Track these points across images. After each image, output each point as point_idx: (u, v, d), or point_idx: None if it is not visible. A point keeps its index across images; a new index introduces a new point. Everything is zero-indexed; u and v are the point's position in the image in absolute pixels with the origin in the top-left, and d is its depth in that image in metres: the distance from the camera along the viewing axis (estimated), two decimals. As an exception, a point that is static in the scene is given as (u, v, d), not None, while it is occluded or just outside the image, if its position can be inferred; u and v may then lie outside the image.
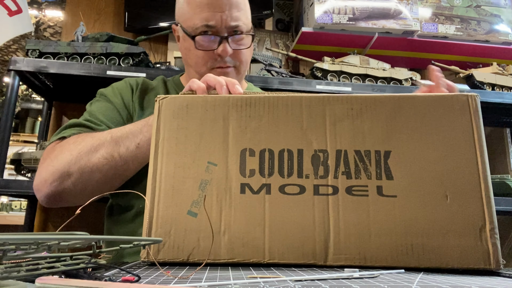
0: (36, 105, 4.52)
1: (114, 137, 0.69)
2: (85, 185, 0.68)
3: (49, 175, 0.69)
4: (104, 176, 0.68)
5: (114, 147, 0.68)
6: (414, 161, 0.46)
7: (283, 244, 0.45)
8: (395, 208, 0.45)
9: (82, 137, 0.71)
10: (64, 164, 0.68)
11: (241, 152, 0.47)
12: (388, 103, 0.48)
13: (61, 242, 0.32)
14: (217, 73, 0.79)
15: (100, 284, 0.27)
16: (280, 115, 0.48)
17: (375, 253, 0.44)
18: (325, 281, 0.34)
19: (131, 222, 0.78)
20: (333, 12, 1.52)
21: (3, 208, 2.71)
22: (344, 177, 0.46)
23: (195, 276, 0.36)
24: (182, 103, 0.50)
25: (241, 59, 0.84)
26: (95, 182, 0.69)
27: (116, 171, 0.69)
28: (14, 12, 1.38)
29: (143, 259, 0.45)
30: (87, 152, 0.68)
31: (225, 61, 0.82)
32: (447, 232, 0.44)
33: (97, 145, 0.68)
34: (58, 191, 0.69)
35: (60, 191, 0.69)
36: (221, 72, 0.82)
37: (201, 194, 0.46)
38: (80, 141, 0.70)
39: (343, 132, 0.47)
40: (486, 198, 0.44)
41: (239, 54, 0.84)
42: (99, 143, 0.69)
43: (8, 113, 1.21)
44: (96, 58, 1.29)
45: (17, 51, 3.60)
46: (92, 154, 0.68)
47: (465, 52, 1.66)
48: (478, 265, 0.43)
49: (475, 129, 0.47)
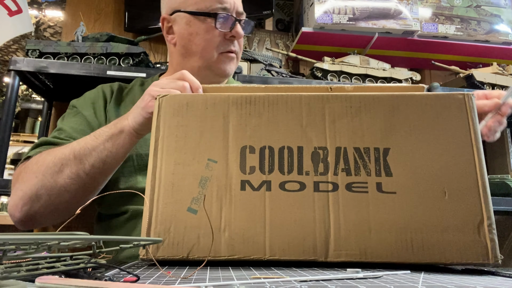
0: (36, 105, 4.52)
1: (77, 155, 0.66)
2: (56, 206, 0.67)
3: (18, 200, 0.67)
4: (73, 196, 0.66)
5: (79, 166, 0.65)
6: (412, 158, 0.46)
7: (283, 240, 0.45)
8: (395, 204, 0.45)
9: (43, 155, 0.69)
10: (31, 188, 0.66)
11: (241, 149, 0.47)
12: (386, 101, 0.49)
13: (61, 242, 0.32)
14: (225, 57, 0.81)
15: (100, 284, 0.26)
16: (280, 113, 0.49)
17: (375, 249, 0.44)
18: (330, 281, 0.34)
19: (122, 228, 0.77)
20: (333, 12, 1.52)
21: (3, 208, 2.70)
22: (344, 173, 0.46)
23: (197, 276, 0.36)
24: (182, 101, 0.50)
25: (241, 47, 0.86)
26: (65, 202, 0.67)
27: (85, 188, 0.67)
28: (14, 12, 1.38)
29: (142, 256, 0.45)
30: (52, 173, 0.66)
31: (234, 45, 0.82)
32: (446, 228, 0.44)
33: (61, 165, 0.66)
34: (29, 215, 0.67)
35: (32, 215, 0.67)
36: (227, 57, 0.82)
37: (201, 191, 0.46)
38: (42, 161, 0.68)
39: (342, 129, 0.48)
40: (484, 194, 0.45)
41: (240, 41, 0.84)
42: (62, 162, 0.66)
43: (8, 113, 1.21)
44: (96, 58, 1.29)
45: (17, 51, 3.60)
46: (57, 175, 0.65)
47: (465, 52, 1.66)
48: (477, 260, 0.43)
49: (472, 127, 0.47)
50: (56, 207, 0.67)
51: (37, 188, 0.66)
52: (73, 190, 0.66)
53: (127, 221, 0.76)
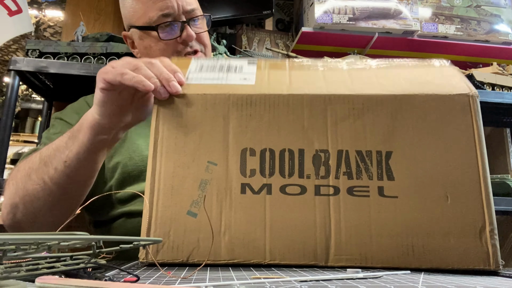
0: (36, 105, 4.52)
1: (43, 158, 0.61)
2: (33, 214, 0.63)
3: (4, 208, 0.65)
4: (44, 204, 0.61)
5: (44, 169, 0.60)
6: (415, 162, 0.46)
7: (284, 244, 0.44)
8: (396, 209, 0.45)
9: (22, 163, 0.65)
10: (10, 196, 0.64)
11: (242, 152, 0.47)
12: (389, 103, 0.48)
13: (61, 242, 0.32)
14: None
15: (100, 284, 0.26)
16: (281, 114, 0.48)
17: (376, 253, 0.44)
18: (330, 281, 0.34)
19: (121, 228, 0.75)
20: (333, 12, 1.52)
21: (3, 208, 2.70)
22: (345, 177, 0.46)
23: (198, 276, 0.36)
24: (181, 102, 0.49)
25: (205, 43, 0.82)
26: (39, 211, 0.62)
27: (54, 196, 0.61)
28: (14, 12, 1.38)
29: (142, 259, 0.45)
30: (22, 179, 0.62)
31: (192, 46, 0.79)
32: (448, 233, 0.44)
33: (29, 170, 0.62)
34: (14, 223, 0.65)
35: (16, 222, 0.65)
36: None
37: (201, 194, 0.46)
38: (18, 168, 0.65)
39: (344, 132, 0.47)
40: (486, 199, 0.44)
41: (202, 37, 0.81)
42: (30, 166, 0.62)
43: (8, 113, 1.21)
44: (96, 58, 1.28)
45: (17, 51, 3.60)
46: (26, 181, 0.61)
47: (465, 52, 1.66)
48: (477, 266, 0.43)
49: (476, 130, 0.47)
50: (34, 216, 0.64)
51: (14, 196, 0.63)
52: (42, 197, 0.61)
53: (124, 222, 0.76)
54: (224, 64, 0.55)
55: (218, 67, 0.54)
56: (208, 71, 0.54)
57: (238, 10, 1.60)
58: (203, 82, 0.52)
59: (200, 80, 0.52)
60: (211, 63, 0.56)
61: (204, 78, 0.53)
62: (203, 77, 0.53)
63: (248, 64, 0.56)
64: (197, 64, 0.56)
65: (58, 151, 0.59)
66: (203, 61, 0.56)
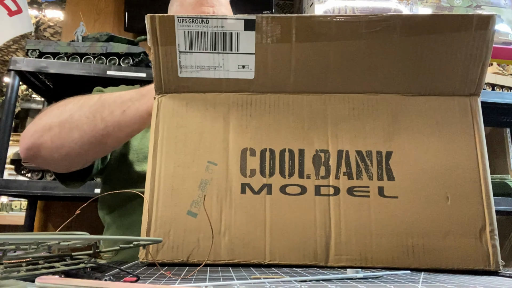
0: (36, 105, 4.51)
1: (102, 100, 0.66)
2: (62, 142, 0.66)
3: (32, 128, 0.68)
4: (81, 137, 0.65)
5: (99, 108, 0.64)
6: (415, 162, 0.46)
7: (284, 245, 0.44)
8: (396, 209, 0.45)
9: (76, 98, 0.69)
10: (48, 118, 0.67)
11: (242, 152, 0.47)
12: (390, 103, 0.48)
13: (61, 242, 0.32)
14: None
15: (100, 284, 0.26)
16: (282, 114, 0.48)
17: (376, 254, 0.44)
18: (330, 281, 0.34)
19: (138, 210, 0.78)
20: (333, 12, 1.52)
21: (3, 208, 2.70)
22: (345, 177, 0.46)
23: (198, 276, 0.36)
24: (181, 101, 0.49)
25: None
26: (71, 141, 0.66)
27: (94, 134, 0.65)
28: (14, 12, 1.38)
29: (142, 259, 0.45)
30: (71, 109, 0.66)
31: None
32: (448, 233, 0.44)
33: (83, 104, 0.66)
34: (36, 143, 0.67)
35: (39, 144, 0.67)
36: None
37: (201, 194, 0.46)
38: (71, 100, 0.69)
39: (344, 132, 0.47)
40: (487, 200, 0.44)
41: None
42: (85, 102, 0.66)
43: (8, 113, 1.21)
44: (96, 58, 1.29)
45: (17, 51, 3.60)
46: (76, 111, 0.66)
47: (465, 52, 1.66)
48: (478, 266, 0.43)
49: (476, 131, 0.47)
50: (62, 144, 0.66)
51: (53, 119, 0.67)
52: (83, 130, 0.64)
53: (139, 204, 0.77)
54: (217, 32, 0.47)
55: (210, 37, 0.48)
56: (200, 47, 0.48)
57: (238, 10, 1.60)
58: (199, 75, 0.48)
59: (196, 70, 0.48)
60: (200, 28, 0.48)
61: (198, 64, 0.48)
62: (197, 63, 0.48)
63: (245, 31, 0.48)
64: (184, 34, 0.48)
65: (120, 100, 0.63)
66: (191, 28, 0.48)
